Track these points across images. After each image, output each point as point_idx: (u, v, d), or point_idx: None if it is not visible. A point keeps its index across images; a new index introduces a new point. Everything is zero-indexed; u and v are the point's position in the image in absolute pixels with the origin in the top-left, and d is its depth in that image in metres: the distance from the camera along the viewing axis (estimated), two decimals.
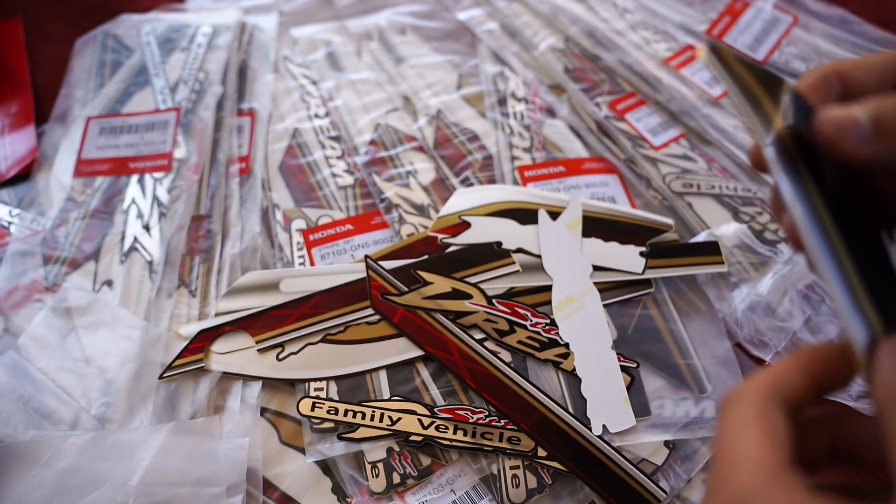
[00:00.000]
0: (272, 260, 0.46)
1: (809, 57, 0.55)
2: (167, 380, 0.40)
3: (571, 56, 0.56)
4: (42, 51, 0.60)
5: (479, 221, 0.45)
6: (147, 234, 0.45)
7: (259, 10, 0.62)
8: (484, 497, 0.36)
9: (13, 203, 0.49)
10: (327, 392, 0.39)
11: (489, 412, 0.38)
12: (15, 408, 0.38)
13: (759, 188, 0.47)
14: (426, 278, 0.42)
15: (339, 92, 0.55)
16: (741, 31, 0.56)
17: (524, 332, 0.41)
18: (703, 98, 0.51)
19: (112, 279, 0.44)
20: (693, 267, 0.43)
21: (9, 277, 0.44)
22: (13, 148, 0.53)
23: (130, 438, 0.36)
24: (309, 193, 0.49)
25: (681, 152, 0.49)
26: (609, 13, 0.57)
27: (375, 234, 0.46)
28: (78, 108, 0.54)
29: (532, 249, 0.44)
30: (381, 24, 0.60)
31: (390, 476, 0.37)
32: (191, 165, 0.49)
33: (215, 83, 0.54)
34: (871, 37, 0.56)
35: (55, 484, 0.35)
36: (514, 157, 0.50)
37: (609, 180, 0.49)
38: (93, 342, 0.40)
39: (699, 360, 0.40)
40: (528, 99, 0.54)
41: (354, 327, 0.41)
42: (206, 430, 0.37)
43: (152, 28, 0.58)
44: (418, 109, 0.53)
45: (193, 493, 0.35)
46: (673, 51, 0.54)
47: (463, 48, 0.59)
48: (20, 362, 0.40)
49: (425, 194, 0.48)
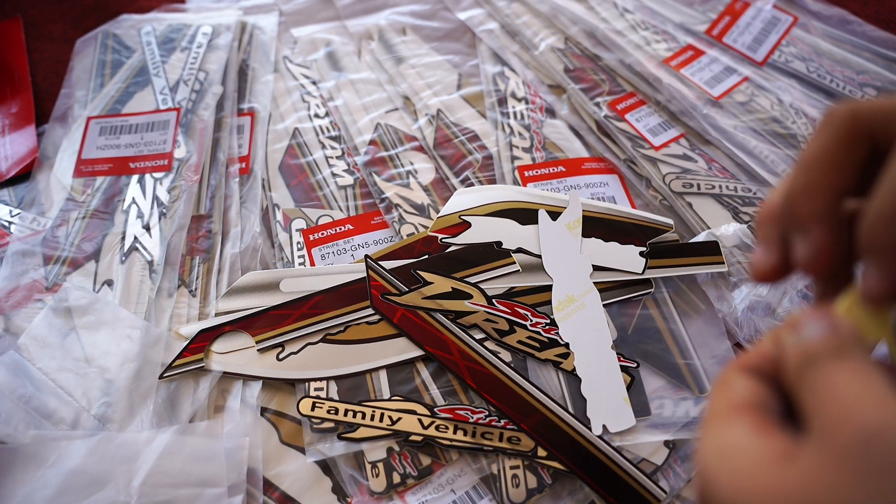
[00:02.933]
0: (272, 260, 0.46)
1: (809, 57, 0.55)
2: (167, 379, 0.40)
3: (571, 56, 0.56)
4: (42, 51, 0.60)
5: (479, 221, 0.45)
6: (147, 233, 0.45)
7: (259, 10, 0.62)
8: (484, 497, 0.36)
9: (13, 203, 0.49)
10: (327, 392, 0.39)
11: (489, 412, 0.38)
12: (15, 407, 0.38)
13: (759, 188, 0.47)
14: (426, 278, 0.42)
15: (339, 92, 0.55)
16: (741, 31, 0.56)
17: (524, 331, 0.41)
18: (703, 98, 0.51)
19: (112, 279, 0.44)
20: (693, 267, 0.43)
21: (9, 277, 0.44)
22: (13, 148, 0.53)
23: (135, 440, 0.37)
24: (309, 193, 0.49)
25: (681, 152, 0.49)
26: (609, 13, 0.57)
27: (375, 234, 0.46)
28: (78, 108, 0.54)
29: (532, 249, 0.44)
30: (381, 24, 0.60)
31: (390, 476, 0.37)
32: (191, 165, 0.49)
33: (215, 83, 0.54)
34: (870, 37, 0.56)
35: (60, 484, 0.35)
36: (514, 157, 0.50)
37: (609, 180, 0.49)
38: (93, 342, 0.41)
39: (699, 360, 0.40)
40: (529, 99, 0.54)
41: (354, 327, 0.41)
42: (209, 434, 0.37)
43: (152, 28, 0.58)
44: (418, 109, 0.53)
45: (195, 493, 0.35)
46: (673, 51, 0.54)
47: (463, 48, 0.59)
48: (21, 362, 0.40)
49: (425, 194, 0.48)
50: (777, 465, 0.17)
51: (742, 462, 0.18)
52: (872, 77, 0.53)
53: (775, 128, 0.50)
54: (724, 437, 0.19)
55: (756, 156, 0.48)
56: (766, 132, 0.50)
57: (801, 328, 0.19)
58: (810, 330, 0.19)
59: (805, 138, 0.50)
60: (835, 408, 0.17)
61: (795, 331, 0.19)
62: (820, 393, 0.17)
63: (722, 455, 0.18)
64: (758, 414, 0.19)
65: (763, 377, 0.20)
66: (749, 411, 0.19)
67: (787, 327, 0.19)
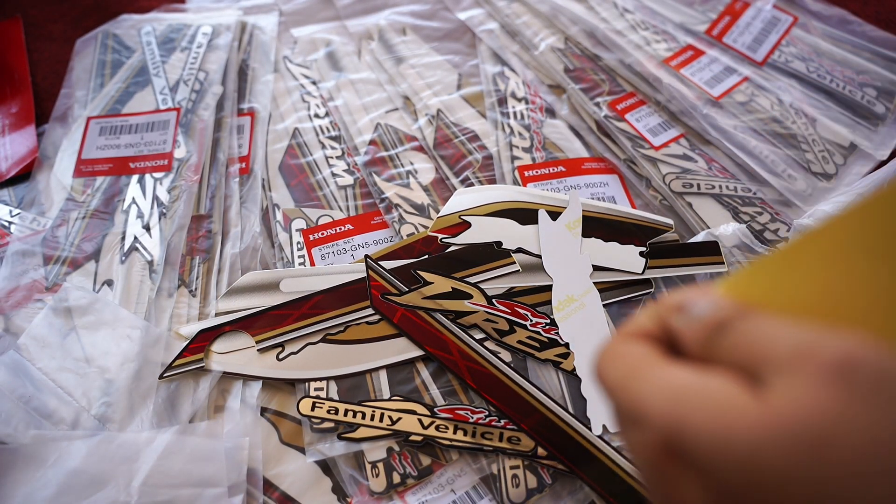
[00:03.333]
0: (272, 260, 0.46)
1: (809, 57, 0.55)
2: (167, 379, 0.40)
3: (571, 56, 0.56)
4: (42, 51, 0.60)
5: (479, 221, 0.45)
6: (147, 233, 0.45)
7: (259, 10, 0.62)
8: (484, 497, 0.36)
9: (13, 203, 0.49)
10: (327, 392, 0.39)
11: (489, 412, 0.38)
12: (15, 407, 0.38)
13: (759, 188, 0.47)
14: (426, 278, 0.42)
15: (339, 92, 0.55)
16: (741, 31, 0.56)
17: (524, 331, 0.41)
18: (703, 98, 0.51)
19: (112, 279, 0.44)
20: (693, 267, 0.43)
21: (9, 277, 0.44)
22: (13, 148, 0.53)
23: (136, 440, 0.37)
24: (309, 193, 0.49)
25: (681, 152, 0.49)
26: (609, 13, 0.57)
27: (375, 234, 0.46)
28: (78, 108, 0.54)
29: (532, 249, 0.44)
30: (381, 24, 0.60)
31: (390, 476, 0.37)
32: (191, 165, 0.49)
33: (215, 83, 0.54)
34: (870, 37, 0.56)
35: (60, 484, 0.35)
36: (514, 157, 0.50)
37: (609, 180, 0.49)
38: (93, 342, 0.41)
39: None
40: (529, 99, 0.54)
41: (354, 327, 0.41)
42: (209, 434, 0.37)
43: (152, 28, 0.58)
44: (418, 109, 0.53)
45: (195, 493, 0.35)
46: (673, 51, 0.54)
47: (463, 48, 0.59)
48: (21, 362, 0.40)
49: (425, 194, 0.48)
50: (752, 402, 0.16)
51: (708, 402, 0.16)
52: (872, 77, 0.53)
53: (775, 128, 0.50)
54: (667, 378, 0.18)
55: (756, 156, 0.48)
56: (766, 132, 0.50)
57: (690, 307, 0.19)
58: (702, 307, 0.19)
59: (805, 138, 0.50)
60: (784, 349, 0.16)
61: (683, 312, 0.19)
62: (751, 346, 0.17)
63: (678, 398, 0.17)
64: (674, 358, 0.19)
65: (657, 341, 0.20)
66: (669, 356, 0.19)
67: (670, 310, 0.20)
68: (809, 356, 0.16)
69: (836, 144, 0.50)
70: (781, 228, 0.45)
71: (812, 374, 0.15)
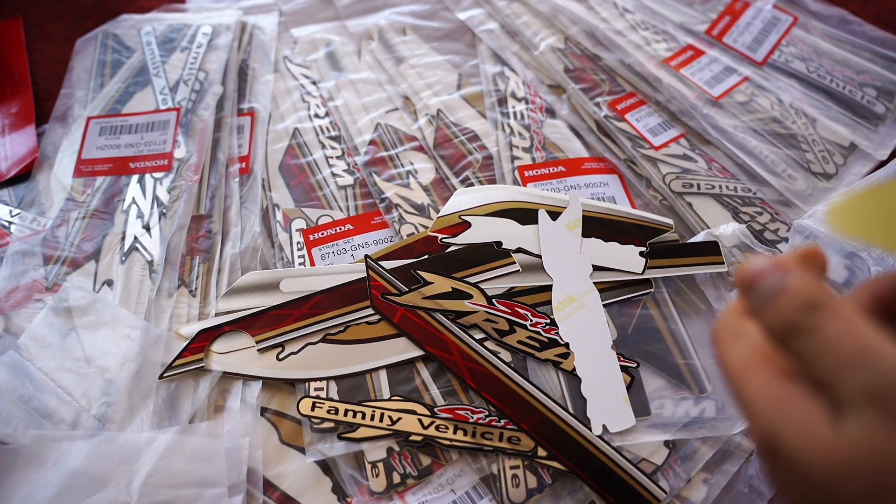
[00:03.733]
0: (272, 260, 0.46)
1: (809, 57, 0.55)
2: (167, 380, 0.40)
3: (571, 56, 0.56)
4: (42, 51, 0.60)
5: (479, 221, 0.45)
6: (147, 233, 0.45)
7: (259, 10, 0.62)
8: (484, 497, 0.36)
9: (13, 203, 0.49)
10: (327, 392, 0.39)
11: (489, 412, 0.38)
12: (15, 407, 0.38)
13: (759, 188, 0.47)
14: (426, 278, 0.42)
15: (339, 92, 0.55)
16: (741, 31, 0.56)
17: (524, 331, 0.41)
18: (703, 98, 0.51)
19: (112, 279, 0.44)
20: (693, 267, 0.43)
21: (9, 277, 0.44)
22: (13, 148, 0.53)
23: (136, 440, 0.37)
24: (309, 193, 0.49)
25: (681, 152, 0.49)
26: (609, 13, 0.57)
27: (375, 234, 0.46)
28: (78, 108, 0.54)
29: (532, 249, 0.44)
30: (381, 24, 0.60)
31: (390, 476, 0.37)
32: (191, 165, 0.49)
33: (215, 83, 0.54)
34: (870, 37, 0.56)
35: (60, 484, 0.35)
36: (514, 157, 0.50)
37: (609, 180, 0.49)
38: (93, 342, 0.41)
39: (699, 360, 0.40)
40: (528, 99, 0.54)
41: (354, 327, 0.41)
42: (209, 434, 0.37)
43: (152, 28, 0.58)
44: (418, 109, 0.53)
45: (195, 493, 0.35)
46: (673, 51, 0.54)
47: (463, 48, 0.59)
48: (20, 362, 0.40)
49: (425, 194, 0.48)
50: (830, 430, 0.18)
51: (797, 419, 0.19)
52: (872, 77, 0.54)
53: (775, 128, 0.50)
54: (770, 383, 0.20)
55: (756, 156, 0.48)
56: (766, 132, 0.50)
57: (759, 284, 0.21)
58: (768, 284, 0.20)
59: (805, 138, 0.50)
60: (861, 384, 0.18)
61: (754, 289, 0.21)
62: (829, 366, 0.19)
63: (775, 408, 0.20)
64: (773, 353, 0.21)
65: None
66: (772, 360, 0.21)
67: (743, 284, 0.21)
68: (884, 398, 0.18)
69: (836, 144, 0.50)
70: (781, 228, 0.45)
71: (887, 417, 0.17)
